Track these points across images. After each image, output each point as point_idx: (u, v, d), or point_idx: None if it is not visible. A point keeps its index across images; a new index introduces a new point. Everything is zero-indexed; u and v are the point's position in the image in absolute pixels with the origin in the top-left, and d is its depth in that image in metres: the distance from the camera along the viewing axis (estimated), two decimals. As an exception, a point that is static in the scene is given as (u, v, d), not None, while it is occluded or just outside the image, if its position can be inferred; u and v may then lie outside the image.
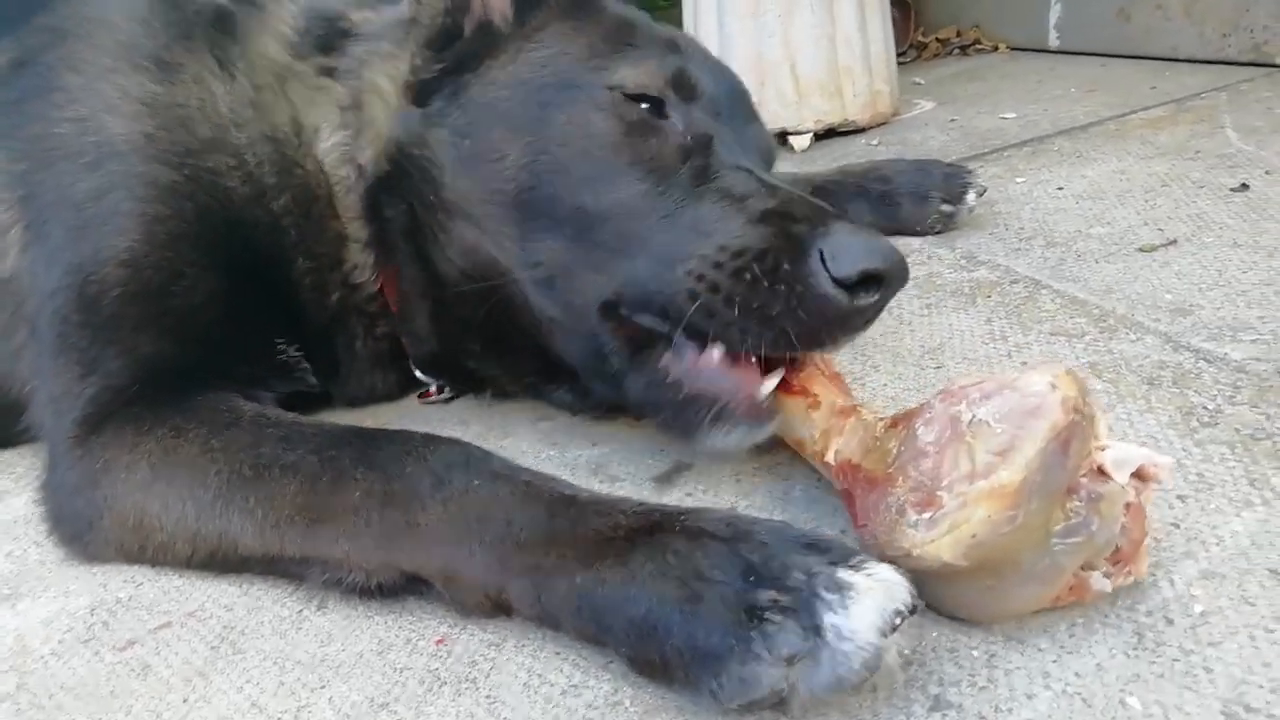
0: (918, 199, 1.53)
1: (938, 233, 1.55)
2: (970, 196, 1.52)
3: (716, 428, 0.85)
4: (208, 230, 1.06)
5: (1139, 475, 0.67)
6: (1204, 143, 1.77)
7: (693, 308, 0.85)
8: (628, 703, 0.72)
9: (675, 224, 0.91)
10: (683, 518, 0.73)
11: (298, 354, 1.12)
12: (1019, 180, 1.77)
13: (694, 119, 1.00)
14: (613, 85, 0.99)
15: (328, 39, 1.16)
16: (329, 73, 1.14)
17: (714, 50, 2.30)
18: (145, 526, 0.96)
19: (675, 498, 0.97)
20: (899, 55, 3.29)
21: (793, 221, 0.86)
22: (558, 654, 0.78)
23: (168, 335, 1.03)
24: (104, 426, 0.98)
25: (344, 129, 1.11)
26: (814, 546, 0.68)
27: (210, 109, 1.11)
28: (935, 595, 0.71)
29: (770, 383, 0.86)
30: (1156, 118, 2.00)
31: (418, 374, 1.20)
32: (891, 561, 0.67)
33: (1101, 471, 0.65)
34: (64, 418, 1.02)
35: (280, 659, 0.85)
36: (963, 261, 1.43)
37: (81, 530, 1.00)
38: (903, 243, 1.55)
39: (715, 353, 0.87)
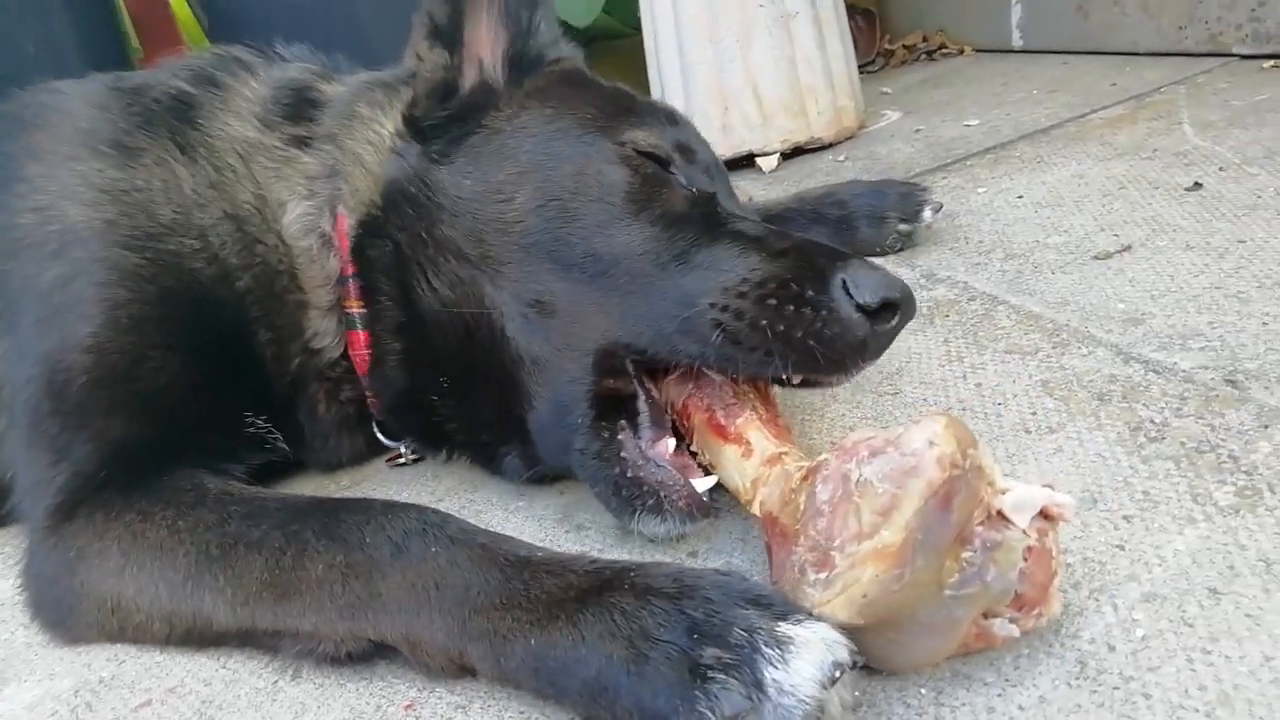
0: (875, 220, 1.55)
1: (898, 251, 1.57)
2: (926, 213, 1.54)
3: (651, 516, 0.89)
4: (172, 312, 1.08)
5: (1044, 515, 0.67)
6: (1161, 140, 1.78)
7: (717, 335, 0.88)
8: (588, 761, 0.73)
9: (691, 264, 0.94)
10: (632, 574, 0.75)
11: (265, 425, 1.14)
12: (980, 190, 1.78)
13: (697, 178, 1.06)
14: (623, 141, 1.03)
15: (296, 108, 1.19)
16: (299, 142, 1.16)
17: (676, 78, 2.34)
18: (122, 610, 0.98)
19: (637, 544, 0.99)
20: (867, 65, 3.33)
21: (812, 256, 0.90)
22: (522, 713, 0.79)
23: (135, 419, 1.05)
24: (75, 514, 1.00)
25: (310, 199, 1.14)
26: (757, 601, 0.70)
27: (173, 191, 1.13)
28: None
29: (709, 482, 0.90)
30: (1116, 116, 2.02)
31: (381, 438, 1.21)
32: None
33: (1001, 516, 0.65)
34: (38, 506, 1.04)
35: (256, 733, 0.86)
36: (923, 280, 1.45)
37: (62, 616, 1.02)
38: (865, 263, 1.57)
39: (669, 443, 0.91)
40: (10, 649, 1.10)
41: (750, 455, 0.85)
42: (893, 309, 0.88)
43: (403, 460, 1.26)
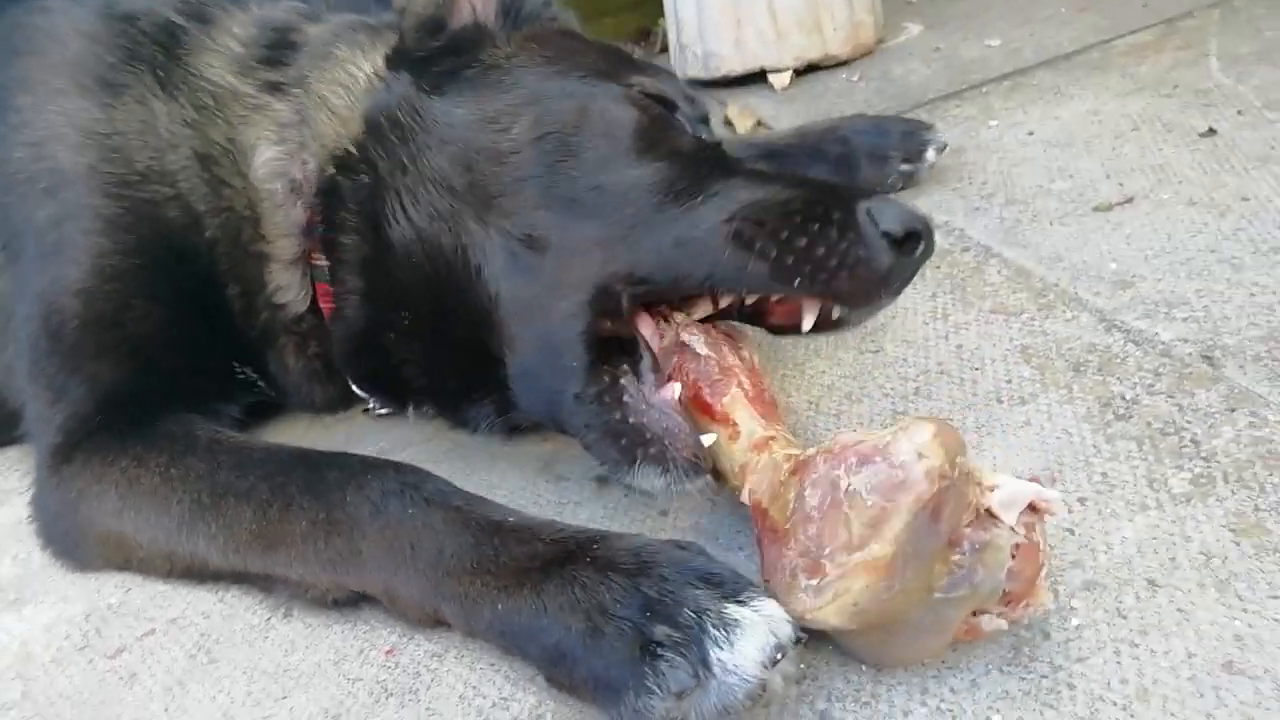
0: (876, 160, 1.51)
1: (900, 190, 1.54)
2: (930, 154, 1.51)
3: (651, 467, 0.85)
4: (149, 261, 1.10)
5: (1032, 508, 0.68)
6: (1184, 74, 1.71)
7: (729, 247, 0.85)
8: (549, 716, 0.78)
9: (706, 194, 0.90)
10: (595, 546, 0.79)
11: (252, 373, 1.17)
12: (992, 124, 1.73)
13: (699, 126, 1.05)
14: (630, 84, 1.01)
15: (276, 52, 1.16)
16: (273, 88, 1.14)
17: (689, -11, 2.25)
18: (125, 546, 1.04)
19: (614, 498, 1.02)
20: (894, -33, 3.18)
21: (833, 186, 0.90)
22: (492, 665, 0.85)
23: (125, 362, 1.09)
24: (74, 455, 1.05)
25: (280, 144, 1.12)
26: (709, 579, 0.73)
27: (149, 135, 1.13)
28: (841, 644, 0.75)
29: (710, 438, 0.86)
30: (1142, 43, 1.93)
31: (356, 390, 1.21)
32: None
33: (989, 514, 0.67)
34: (41, 442, 1.10)
35: (249, 669, 0.93)
36: (920, 226, 1.43)
37: (70, 548, 1.09)
38: (864, 204, 1.55)
39: (675, 388, 0.88)
40: (28, 569, 1.17)
41: (737, 438, 0.83)
42: (917, 239, 0.87)
43: (374, 411, 1.27)
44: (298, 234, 1.11)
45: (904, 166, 1.51)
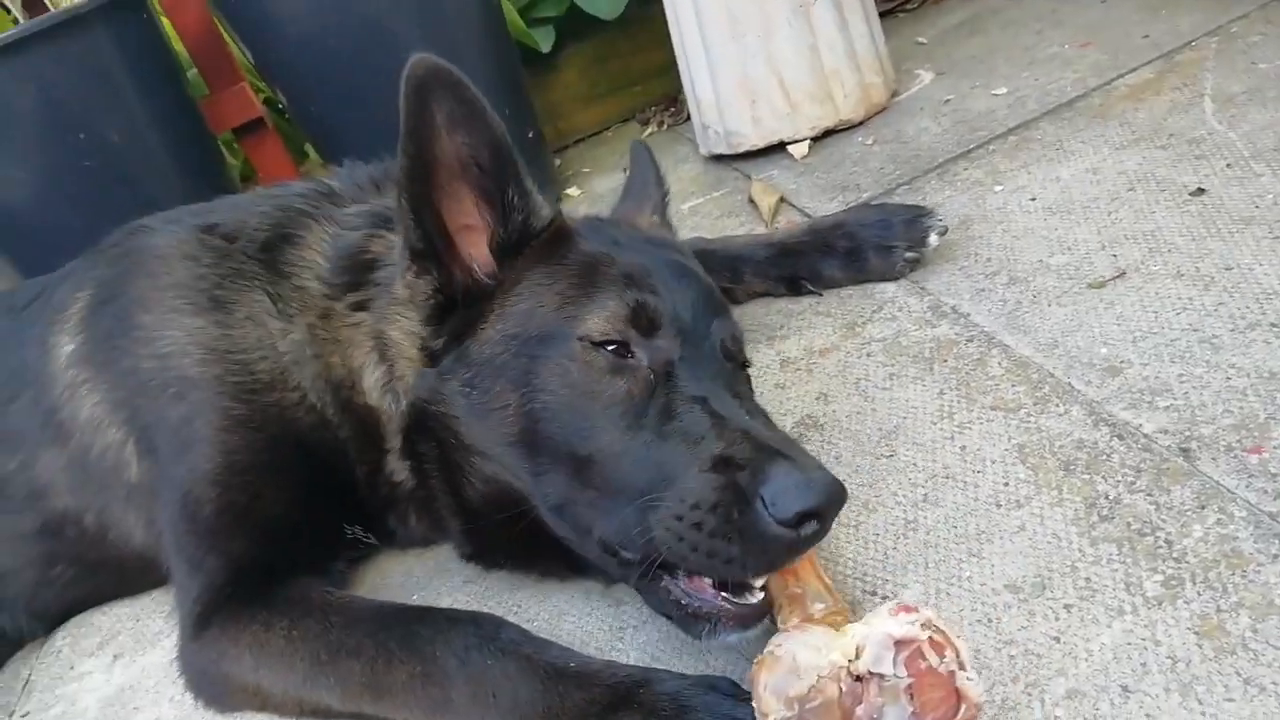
0: (883, 251, 1.63)
1: (909, 274, 1.66)
2: (932, 239, 1.62)
3: (715, 634, 1.02)
4: (279, 454, 1.30)
5: (898, 642, 0.80)
6: (1179, 120, 1.78)
7: (662, 555, 1.00)
8: (621, 837, 0.94)
9: (645, 468, 1.03)
10: (641, 691, 0.96)
11: (364, 534, 1.38)
12: (997, 189, 1.83)
13: (656, 349, 1.11)
14: (582, 336, 1.10)
15: (355, 274, 1.33)
16: (361, 306, 1.31)
17: (704, 74, 2.40)
18: (260, 695, 1.23)
19: (664, 621, 1.16)
20: (905, 3, 3.26)
21: (738, 469, 0.97)
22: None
23: (254, 541, 1.29)
24: (212, 621, 1.25)
25: (382, 363, 1.29)
26: None
27: (269, 348, 1.33)
28: None
29: (759, 589, 1.01)
30: (1141, 83, 2.00)
31: None
32: None
33: (872, 674, 0.79)
34: (183, 608, 1.30)
35: (373, 799, 1.11)
36: (928, 314, 1.54)
37: (216, 697, 1.29)
38: (875, 291, 1.67)
39: (705, 580, 1.02)
40: (182, 709, 1.38)
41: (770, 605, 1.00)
42: (812, 517, 0.93)
43: None
44: (404, 434, 1.29)
45: (909, 254, 1.62)
